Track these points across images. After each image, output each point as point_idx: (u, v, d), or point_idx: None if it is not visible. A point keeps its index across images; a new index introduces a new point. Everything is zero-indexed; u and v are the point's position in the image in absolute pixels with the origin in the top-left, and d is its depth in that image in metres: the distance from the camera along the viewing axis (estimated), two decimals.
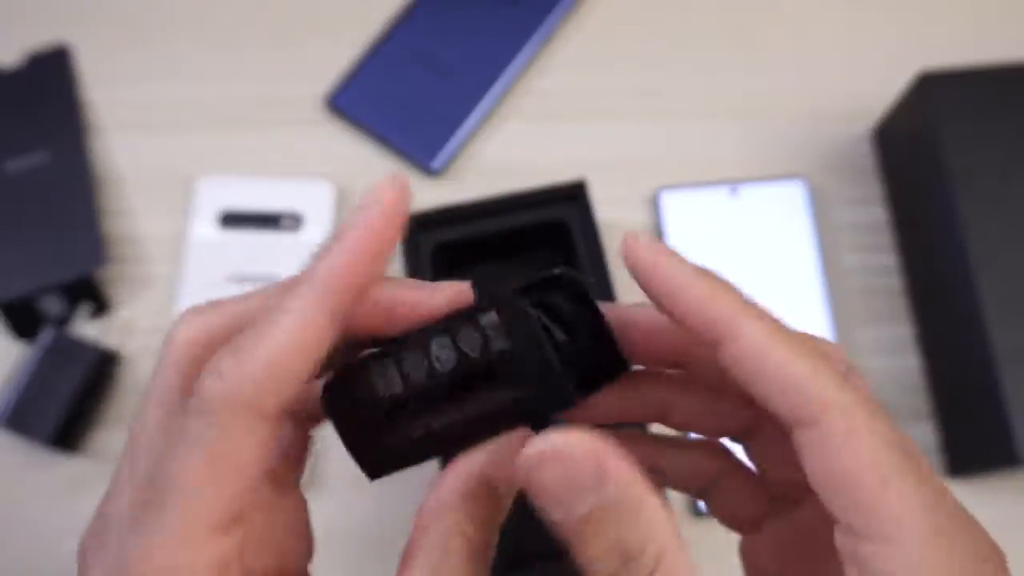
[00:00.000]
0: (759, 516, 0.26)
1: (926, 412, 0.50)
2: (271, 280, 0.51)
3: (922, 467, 0.21)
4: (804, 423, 0.21)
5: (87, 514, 0.51)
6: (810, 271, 0.51)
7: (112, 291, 0.52)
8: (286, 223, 0.52)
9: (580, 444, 0.19)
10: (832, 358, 0.22)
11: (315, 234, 0.52)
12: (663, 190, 0.53)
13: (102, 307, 0.51)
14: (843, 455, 0.20)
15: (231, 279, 0.51)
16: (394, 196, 0.21)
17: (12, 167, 0.54)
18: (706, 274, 0.23)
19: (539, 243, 0.49)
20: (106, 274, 0.52)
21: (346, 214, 0.54)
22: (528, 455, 0.20)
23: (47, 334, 0.48)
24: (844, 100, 0.56)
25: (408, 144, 0.54)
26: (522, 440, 0.21)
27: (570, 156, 0.55)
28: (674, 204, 0.53)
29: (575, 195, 0.48)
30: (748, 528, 0.26)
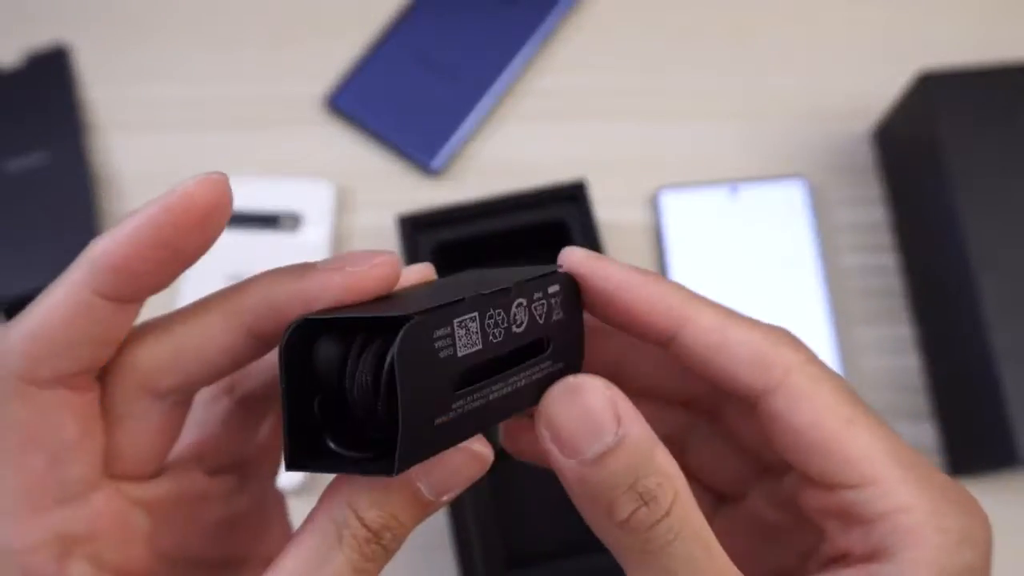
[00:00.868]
0: (741, 480, 0.27)
1: (926, 412, 0.50)
2: None
3: (878, 415, 0.22)
4: (769, 389, 0.22)
5: None
6: (810, 271, 0.51)
7: None
8: (286, 223, 0.52)
9: (599, 386, 0.21)
10: (781, 331, 0.24)
11: (315, 234, 0.52)
12: (663, 190, 0.53)
13: None
14: (809, 407, 0.22)
15: (231, 279, 0.51)
16: (193, 191, 0.21)
17: (12, 167, 0.54)
18: (650, 272, 0.24)
19: (539, 243, 0.49)
20: None
21: (340, 215, 0.54)
22: (553, 394, 0.21)
23: None
24: (844, 100, 0.56)
25: (408, 144, 0.54)
26: None
27: (570, 156, 0.55)
28: (674, 204, 0.53)
29: (575, 195, 0.48)
30: (731, 492, 0.27)
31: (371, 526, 0.19)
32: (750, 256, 0.52)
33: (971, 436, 0.46)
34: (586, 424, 0.20)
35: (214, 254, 0.57)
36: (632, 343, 0.25)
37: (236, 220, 0.52)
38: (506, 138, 0.56)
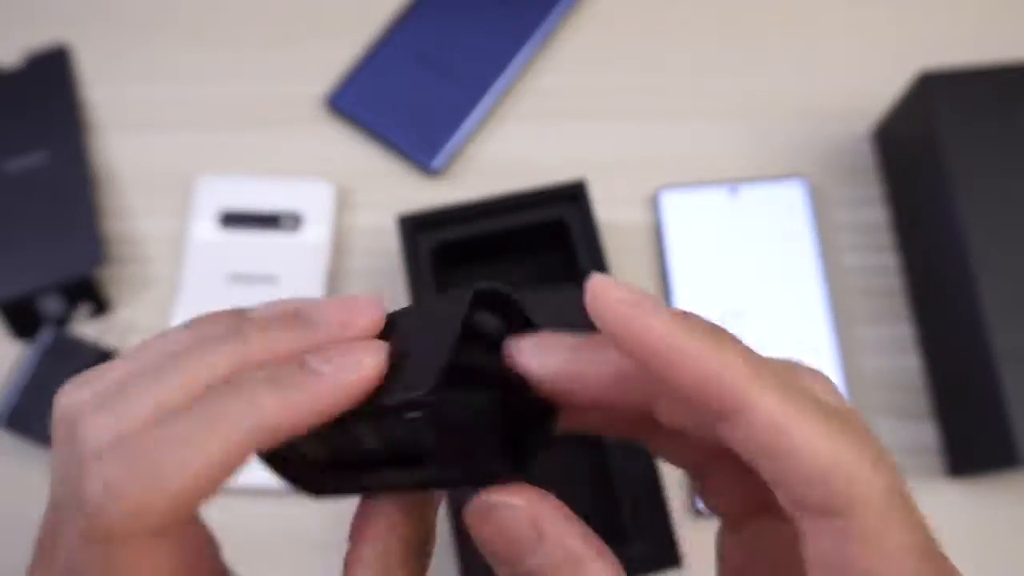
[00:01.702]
0: (745, 512, 0.24)
1: (926, 412, 0.50)
2: (270, 280, 0.51)
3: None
4: (824, 514, 0.18)
5: None
6: (810, 271, 0.51)
7: (112, 291, 0.52)
8: (286, 223, 0.52)
9: (518, 503, 0.19)
10: (853, 424, 0.19)
11: (315, 234, 0.52)
12: (663, 190, 0.53)
13: (101, 307, 0.51)
14: (867, 555, 0.18)
15: (231, 279, 0.51)
16: (369, 373, 0.20)
17: (11, 167, 0.54)
18: (697, 326, 0.19)
19: (539, 243, 0.49)
20: (105, 274, 0.52)
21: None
22: (469, 512, 0.20)
23: (46, 334, 0.48)
24: (844, 100, 0.56)
25: (408, 144, 0.54)
26: None
27: (570, 156, 0.55)
28: (674, 204, 0.53)
29: (575, 195, 0.48)
30: (731, 523, 0.24)
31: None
32: (750, 256, 0.52)
33: (971, 436, 0.46)
34: (507, 544, 0.19)
35: (214, 255, 0.57)
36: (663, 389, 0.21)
37: (236, 220, 0.52)
38: (506, 138, 0.56)
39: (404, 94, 0.56)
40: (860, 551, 0.18)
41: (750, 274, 0.51)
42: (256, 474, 0.48)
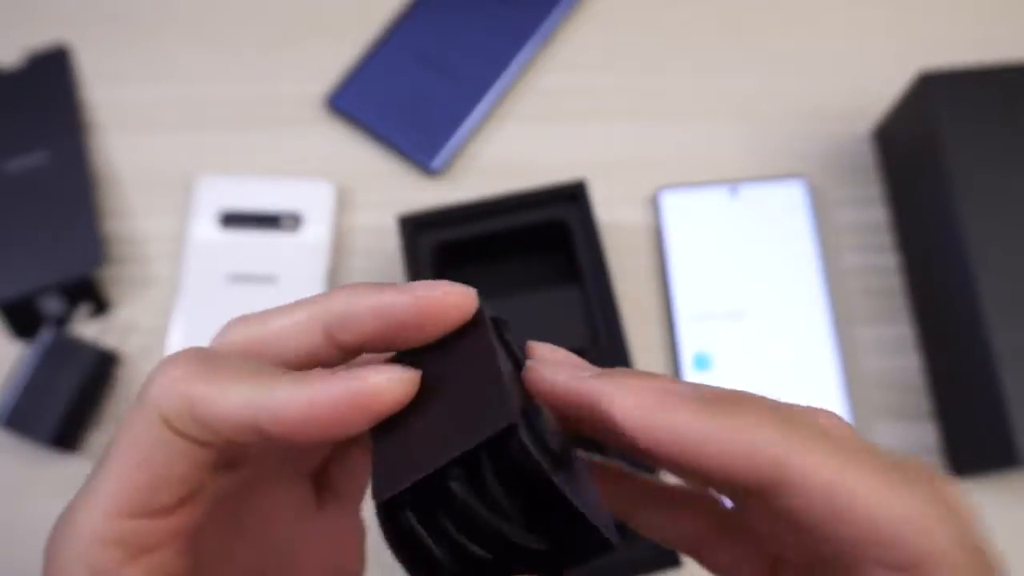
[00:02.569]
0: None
1: (926, 412, 0.50)
2: (270, 280, 0.51)
3: None
4: (897, 570, 0.17)
5: None
6: (810, 271, 0.51)
7: (112, 291, 0.52)
8: (286, 223, 0.52)
9: None
10: (913, 470, 0.18)
11: (315, 234, 0.52)
12: (663, 190, 0.53)
13: (101, 307, 0.51)
14: None
15: (231, 279, 0.51)
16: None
17: (11, 167, 0.54)
18: (730, 399, 0.18)
19: (539, 243, 0.49)
20: (105, 274, 0.52)
21: (339, 211, 0.54)
22: None
23: (46, 334, 0.48)
24: (844, 100, 0.56)
25: (408, 144, 0.54)
26: None
27: (570, 156, 0.55)
28: (674, 204, 0.53)
29: (575, 195, 0.48)
30: None
31: None
32: (750, 256, 0.52)
33: (971, 436, 0.46)
34: None
35: (214, 254, 0.57)
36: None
37: (236, 220, 0.52)
38: (506, 138, 0.56)
39: (404, 94, 0.56)
40: None
41: (750, 274, 0.51)
42: None
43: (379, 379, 0.19)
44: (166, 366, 0.20)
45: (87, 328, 0.51)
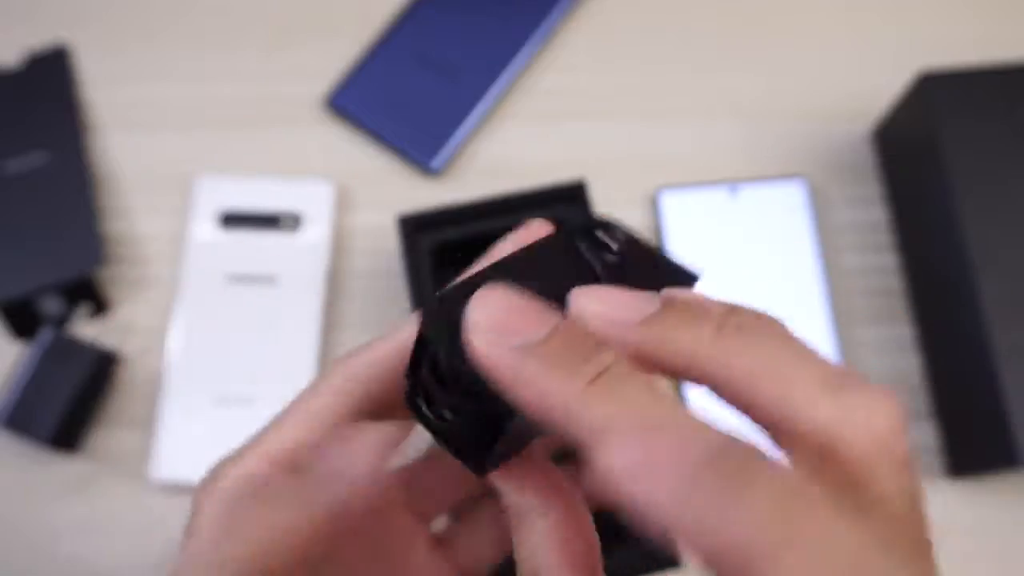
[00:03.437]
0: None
1: (926, 412, 0.50)
2: (270, 280, 0.51)
3: None
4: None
5: (87, 514, 0.51)
6: (810, 271, 0.51)
7: (111, 291, 0.52)
8: (286, 223, 0.52)
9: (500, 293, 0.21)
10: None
11: (315, 234, 0.52)
12: (663, 190, 0.53)
13: (101, 307, 0.51)
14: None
15: (231, 279, 0.51)
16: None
17: (11, 167, 0.54)
18: (725, 474, 0.16)
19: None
20: (105, 274, 0.52)
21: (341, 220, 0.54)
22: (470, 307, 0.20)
23: (46, 334, 0.48)
24: (844, 100, 0.56)
25: (408, 144, 0.54)
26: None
27: (570, 156, 0.55)
28: (674, 204, 0.53)
29: (575, 195, 0.48)
30: None
31: None
32: (750, 256, 0.52)
33: (971, 436, 0.46)
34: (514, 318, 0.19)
35: (214, 255, 0.57)
36: None
37: (236, 220, 0.52)
38: (506, 138, 0.56)
39: (404, 94, 0.56)
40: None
41: (750, 274, 0.51)
42: None
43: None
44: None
45: (86, 328, 0.51)
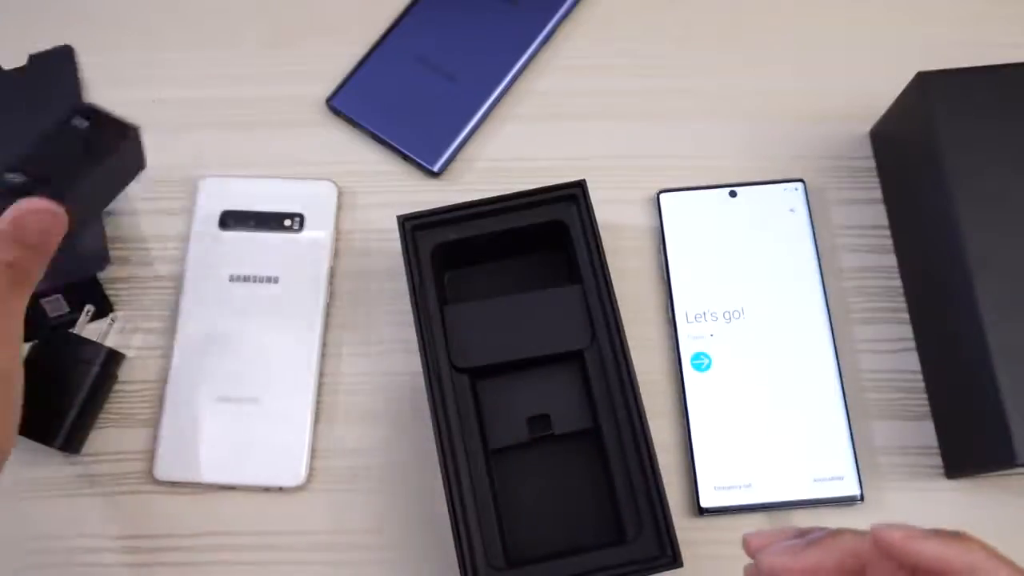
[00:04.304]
0: None
1: (925, 412, 0.50)
2: (271, 280, 0.51)
3: None
4: None
5: (88, 514, 0.51)
6: (809, 272, 0.51)
7: (113, 291, 0.52)
8: (287, 223, 0.52)
9: None
10: None
11: (315, 234, 0.52)
12: (662, 191, 0.53)
13: (103, 307, 0.51)
14: None
15: (231, 279, 0.51)
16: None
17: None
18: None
19: (539, 243, 0.49)
20: (108, 274, 0.52)
21: (340, 212, 0.54)
22: None
23: (49, 334, 0.48)
24: (844, 100, 0.56)
25: (408, 145, 0.54)
26: None
27: (570, 156, 0.55)
28: (673, 205, 0.53)
29: (575, 195, 0.48)
30: None
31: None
32: (749, 257, 0.52)
33: (969, 436, 0.46)
34: None
35: (215, 255, 0.57)
36: None
37: (237, 220, 0.52)
38: (506, 138, 0.56)
39: (404, 95, 0.56)
40: None
41: (749, 275, 0.51)
42: (259, 473, 0.48)
43: None
44: None
45: (89, 329, 0.51)
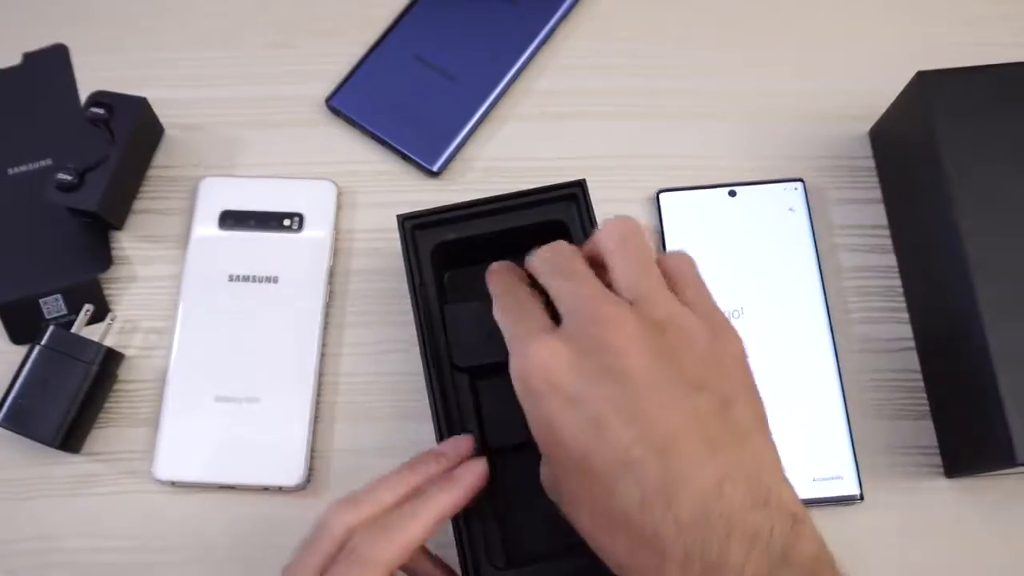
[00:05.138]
0: None
1: (924, 412, 0.50)
2: (271, 280, 0.51)
3: None
4: None
5: (87, 514, 0.51)
6: (808, 272, 0.52)
7: (113, 291, 0.52)
8: (287, 223, 0.52)
9: None
10: None
11: (315, 234, 0.52)
12: (662, 191, 0.53)
13: (102, 308, 0.51)
14: None
15: (232, 279, 0.51)
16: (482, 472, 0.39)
17: (13, 169, 0.54)
18: None
19: (539, 243, 0.49)
20: (107, 274, 0.52)
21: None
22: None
23: (48, 334, 0.48)
24: (844, 100, 0.56)
25: (408, 145, 0.54)
26: None
27: (570, 156, 0.55)
28: (673, 205, 0.53)
29: (575, 195, 0.48)
30: None
31: None
32: (749, 257, 0.52)
33: (969, 436, 0.46)
34: None
35: (215, 255, 0.57)
36: None
37: (237, 220, 0.52)
38: (506, 138, 0.56)
39: (404, 95, 0.56)
40: None
41: (749, 275, 0.51)
42: (259, 473, 0.48)
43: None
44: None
45: (88, 328, 0.51)
